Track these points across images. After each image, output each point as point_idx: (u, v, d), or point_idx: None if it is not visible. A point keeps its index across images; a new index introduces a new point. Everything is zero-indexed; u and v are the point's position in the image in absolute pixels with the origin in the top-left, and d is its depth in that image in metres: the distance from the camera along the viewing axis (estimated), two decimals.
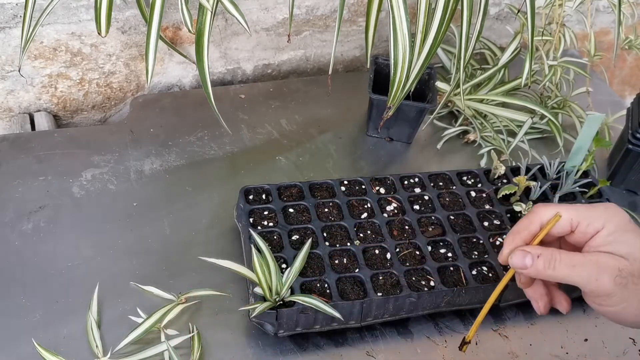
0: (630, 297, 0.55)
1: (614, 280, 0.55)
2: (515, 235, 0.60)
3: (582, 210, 0.59)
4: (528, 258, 0.58)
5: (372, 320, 0.73)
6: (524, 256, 0.58)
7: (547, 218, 0.60)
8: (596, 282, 0.56)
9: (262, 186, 0.82)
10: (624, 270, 0.55)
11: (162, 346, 0.68)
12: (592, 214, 0.58)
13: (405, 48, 0.69)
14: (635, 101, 0.95)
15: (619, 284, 0.55)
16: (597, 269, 0.56)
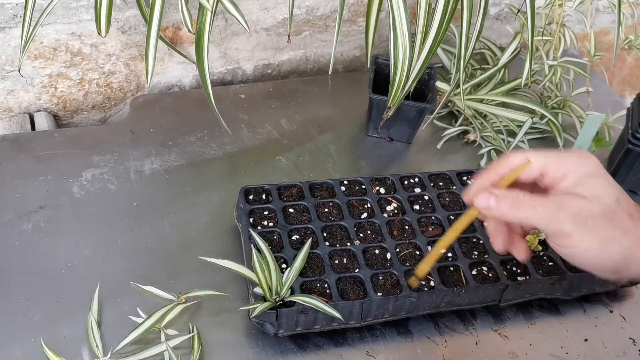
0: (589, 238, 0.55)
1: (573, 220, 0.55)
2: (483, 177, 0.60)
3: (553, 156, 0.59)
4: (492, 199, 0.58)
5: (372, 320, 0.73)
6: (488, 197, 0.58)
7: (517, 163, 0.60)
8: (556, 222, 0.56)
9: (262, 186, 0.82)
10: (584, 210, 0.55)
11: (162, 346, 0.68)
12: (563, 160, 0.59)
13: (405, 48, 0.69)
14: (635, 101, 0.95)
15: (579, 223, 0.55)
16: (557, 209, 0.56)
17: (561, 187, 0.58)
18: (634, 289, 0.81)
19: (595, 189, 0.57)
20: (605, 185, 0.57)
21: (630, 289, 0.81)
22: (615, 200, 0.56)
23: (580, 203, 0.56)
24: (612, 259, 0.56)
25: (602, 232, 0.55)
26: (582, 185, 0.57)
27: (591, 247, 0.56)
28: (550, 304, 0.79)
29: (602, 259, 0.56)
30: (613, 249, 0.56)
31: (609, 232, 0.55)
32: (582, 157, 0.59)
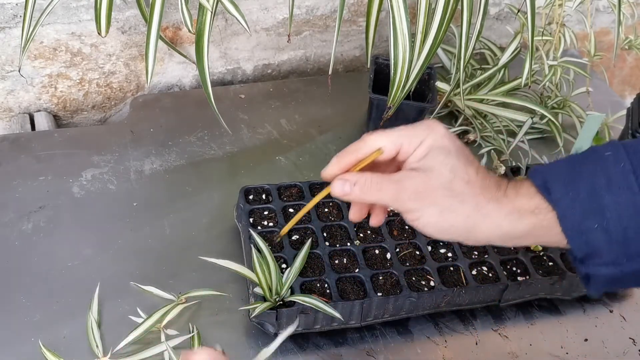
0: (429, 210, 0.58)
1: (412, 197, 0.58)
2: (339, 159, 0.63)
3: (404, 132, 0.61)
4: (347, 186, 0.61)
5: (372, 320, 0.73)
6: (343, 184, 0.61)
7: (372, 147, 0.62)
8: (399, 201, 0.59)
9: (262, 186, 0.82)
10: (421, 184, 0.58)
11: (162, 346, 0.68)
12: (413, 133, 0.61)
13: (405, 48, 0.69)
14: (635, 101, 0.95)
15: (417, 199, 0.58)
16: (398, 189, 0.58)
17: (408, 162, 0.61)
18: (634, 289, 0.81)
19: (433, 161, 0.59)
20: (442, 156, 0.59)
21: (630, 289, 0.81)
22: (451, 169, 0.58)
23: (418, 179, 0.58)
24: (453, 226, 0.58)
25: (440, 203, 0.58)
26: (424, 159, 0.59)
27: (432, 218, 0.58)
28: (550, 304, 0.79)
29: (444, 227, 0.59)
30: (452, 217, 0.58)
31: (446, 202, 0.58)
32: (428, 129, 0.61)
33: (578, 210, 0.54)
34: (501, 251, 0.78)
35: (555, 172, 0.56)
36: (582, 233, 0.55)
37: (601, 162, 0.55)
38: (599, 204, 0.53)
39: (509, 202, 0.58)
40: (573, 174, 0.55)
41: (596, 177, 0.54)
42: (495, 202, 0.58)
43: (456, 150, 0.60)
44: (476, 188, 0.58)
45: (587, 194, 0.54)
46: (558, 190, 0.55)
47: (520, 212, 0.57)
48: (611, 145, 0.56)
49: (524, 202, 0.57)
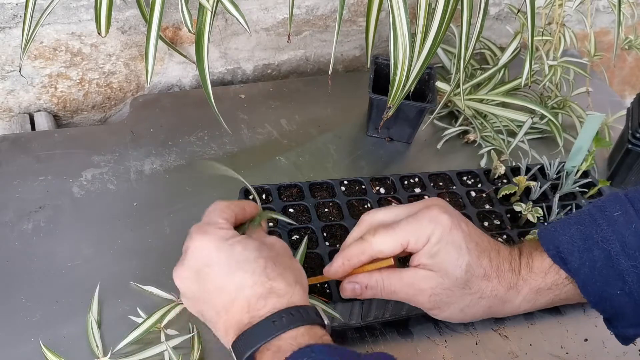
0: (449, 309, 0.60)
1: (429, 300, 0.60)
2: (345, 260, 0.63)
3: (409, 230, 0.60)
4: (357, 288, 0.62)
5: (372, 320, 0.73)
6: (353, 287, 0.63)
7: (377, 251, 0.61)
8: (415, 301, 0.61)
9: (262, 186, 0.82)
10: (437, 287, 0.59)
11: (162, 346, 0.68)
12: (418, 230, 0.60)
13: (405, 48, 0.69)
14: (635, 101, 0.95)
15: (435, 302, 0.60)
16: (413, 290, 0.60)
17: (418, 257, 0.61)
18: None
19: (445, 262, 0.59)
20: (455, 254, 0.59)
21: None
22: (465, 269, 0.59)
23: (433, 281, 0.59)
24: (477, 316, 0.61)
25: (460, 302, 0.60)
26: (435, 257, 0.60)
27: (454, 315, 0.61)
28: None
29: (468, 319, 0.62)
30: (473, 311, 0.60)
31: (465, 300, 0.59)
32: (433, 223, 0.60)
33: (598, 279, 0.55)
34: None
35: (568, 239, 0.56)
36: (605, 299, 0.55)
37: (612, 224, 0.55)
38: (617, 269, 0.54)
39: (525, 284, 0.59)
40: (586, 241, 0.55)
41: (610, 243, 0.54)
42: (513, 289, 0.59)
43: (466, 243, 0.60)
44: (493, 280, 0.59)
45: (603, 262, 0.54)
46: (574, 261, 0.56)
47: (538, 292, 0.59)
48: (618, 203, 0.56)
49: (539, 281, 0.58)
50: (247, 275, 0.54)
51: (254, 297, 0.54)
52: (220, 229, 0.58)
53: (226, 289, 0.55)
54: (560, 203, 0.83)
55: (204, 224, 0.59)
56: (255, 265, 0.55)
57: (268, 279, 0.54)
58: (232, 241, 0.57)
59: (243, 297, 0.54)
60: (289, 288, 0.55)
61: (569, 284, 0.58)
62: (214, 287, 0.55)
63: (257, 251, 0.56)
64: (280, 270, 0.56)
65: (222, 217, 0.61)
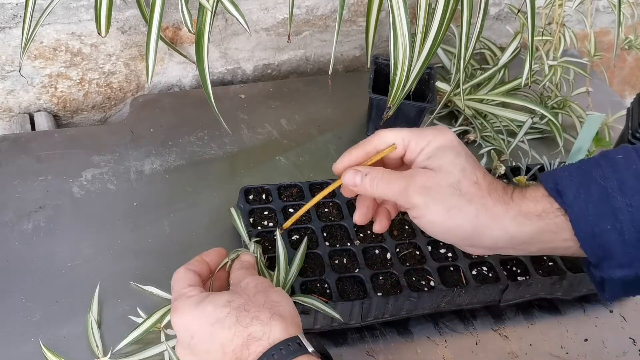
0: (435, 207, 0.57)
1: (419, 192, 0.58)
2: (352, 152, 0.63)
3: (415, 132, 0.62)
4: (358, 176, 0.61)
5: (372, 320, 0.73)
6: (354, 175, 0.61)
7: (385, 142, 0.62)
8: (406, 195, 0.59)
9: (262, 186, 0.82)
10: (429, 181, 0.58)
11: (162, 346, 0.68)
12: (422, 134, 0.61)
13: (405, 48, 0.69)
14: (635, 101, 0.95)
15: (424, 194, 0.58)
16: (405, 183, 0.59)
17: (416, 161, 0.61)
18: None
19: (442, 160, 0.59)
20: (452, 156, 0.59)
21: None
22: (461, 169, 0.58)
23: (427, 175, 0.59)
24: (460, 226, 0.58)
25: (447, 201, 0.57)
26: (432, 157, 0.60)
27: (437, 216, 0.58)
28: (550, 304, 0.79)
29: (450, 227, 0.58)
30: (458, 216, 0.57)
31: (453, 201, 0.57)
32: (437, 131, 0.61)
33: (591, 213, 0.54)
34: None
35: (567, 175, 0.56)
36: (595, 236, 0.54)
37: (613, 165, 0.55)
38: (612, 206, 0.53)
39: (515, 205, 0.58)
40: (585, 177, 0.55)
41: (608, 180, 0.54)
42: (502, 204, 0.58)
43: (465, 153, 0.60)
44: (483, 190, 0.58)
45: (599, 196, 0.54)
46: (570, 193, 0.55)
47: (527, 215, 0.57)
48: (622, 149, 0.56)
49: (530, 206, 0.57)
50: (224, 333, 0.56)
51: (237, 348, 0.56)
52: (188, 298, 0.60)
53: (213, 350, 0.57)
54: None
55: (174, 301, 0.62)
56: (228, 321, 0.57)
57: (244, 327, 0.56)
58: (203, 305, 0.59)
59: (230, 351, 0.56)
60: (266, 327, 0.56)
61: (560, 216, 0.56)
62: (205, 352, 0.58)
63: (226, 306, 0.58)
64: (253, 313, 0.57)
65: (186, 283, 0.63)
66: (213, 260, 0.68)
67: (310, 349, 0.56)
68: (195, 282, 0.64)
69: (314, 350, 0.56)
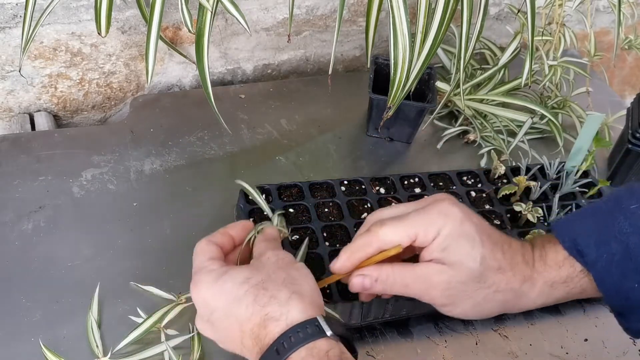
0: (463, 304, 0.58)
1: (443, 294, 0.58)
2: (351, 254, 0.61)
3: (418, 222, 0.59)
4: (367, 281, 0.60)
5: (372, 320, 0.73)
6: (362, 280, 0.60)
7: (385, 241, 0.59)
8: (428, 297, 0.59)
9: (262, 186, 0.82)
10: (451, 281, 0.57)
11: (162, 346, 0.68)
12: (428, 223, 0.58)
13: (405, 48, 0.69)
14: (635, 101, 0.95)
15: (448, 296, 0.58)
16: (426, 284, 0.58)
17: (428, 251, 0.59)
18: None
19: (459, 254, 0.57)
20: (468, 247, 0.57)
21: None
22: (479, 261, 0.57)
23: (446, 275, 0.57)
24: (493, 311, 0.60)
25: (473, 297, 0.58)
26: (447, 250, 0.58)
27: (469, 310, 0.59)
28: None
29: (484, 314, 0.60)
30: (489, 306, 0.59)
31: (481, 294, 0.58)
32: (444, 216, 0.59)
33: (615, 272, 0.54)
34: None
35: (584, 230, 0.55)
36: (621, 293, 0.54)
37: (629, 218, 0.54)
38: (636, 263, 0.53)
39: (539, 277, 0.58)
40: (603, 234, 0.54)
41: (628, 236, 0.53)
42: (528, 282, 0.58)
43: (479, 235, 0.58)
44: (507, 273, 0.58)
45: (621, 256, 0.54)
46: (591, 253, 0.55)
47: (552, 285, 0.58)
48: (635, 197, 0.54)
49: (553, 275, 0.57)
50: (242, 311, 0.55)
51: (255, 328, 0.54)
52: (208, 273, 0.59)
53: (233, 328, 0.56)
54: (560, 203, 0.83)
55: (194, 275, 0.60)
56: (246, 299, 0.55)
57: (261, 307, 0.55)
58: (221, 280, 0.57)
59: (248, 329, 0.55)
60: (283, 308, 0.54)
61: (584, 278, 0.56)
62: (225, 328, 0.57)
63: (245, 283, 0.56)
64: (271, 292, 0.55)
65: (207, 257, 0.61)
66: (238, 234, 0.65)
67: (329, 332, 0.53)
68: (216, 255, 0.62)
69: (333, 333, 0.53)
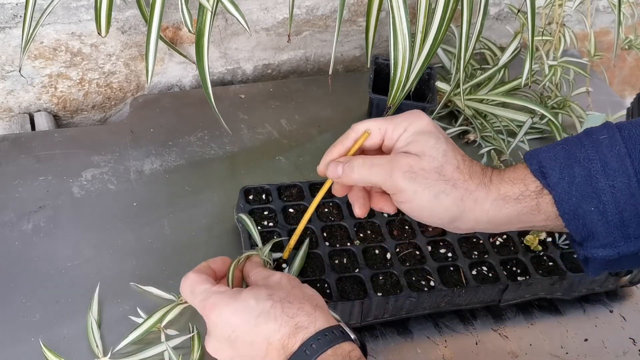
0: (422, 191, 0.58)
1: (405, 176, 0.58)
2: (332, 149, 0.65)
3: (389, 119, 0.63)
4: (339, 167, 0.62)
5: (372, 320, 0.73)
6: (336, 166, 0.63)
7: (358, 131, 0.63)
8: (391, 179, 0.59)
9: (262, 186, 0.82)
10: (414, 165, 0.59)
11: (162, 346, 0.68)
12: (397, 120, 0.62)
13: (405, 48, 0.69)
14: (635, 101, 0.95)
15: (410, 178, 0.58)
16: (390, 166, 0.59)
17: (396, 147, 0.62)
18: (634, 289, 0.82)
19: (424, 145, 0.60)
20: (433, 141, 0.60)
21: (631, 289, 0.81)
22: (443, 153, 0.59)
23: (410, 160, 0.59)
24: (446, 210, 0.59)
25: (433, 186, 0.58)
26: (413, 143, 0.60)
27: (424, 200, 0.59)
28: (550, 304, 0.79)
29: (436, 211, 0.59)
30: (444, 200, 0.58)
31: (439, 185, 0.58)
32: (413, 117, 0.62)
33: (575, 195, 0.55)
34: (501, 251, 0.78)
35: (551, 156, 0.57)
36: (578, 217, 0.55)
37: (596, 146, 0.55)
38: (595, 187, 0.54)
39: (494, 188, 0.59)
40: (569, 159, 0.56)
41: (592, 162, 0.55)
42: (483, 187, 0.59)
43: (444, 137, 0.61)
44: (465, 174, 0.59)
45: (583, 178, 0.55)
46: (554, 175, 0.56)
47: (505, 199, 0.58)
48: (606, 129, 0.56)
49: (508, 189, 0.58)
50: (270, 325, 0.57)
51: (284, 338, 0.56)
52: (221, 293, 0.60)
53: (257, 342, 0.57)
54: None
55: (204, 300, 0.61)
56: (273, 312, 0.57)
57: (290, 318, 0.57)
58: (242, 298, 0.59)
59: (276, 341, 0.57)
60: (311, 317, 0.57)
61: (536, 198, 0.57)
62: (246, 345, 0.58)
63: (269, 299, 0.58)
64: (297, 305, 0.58)
65: (208, 282, 0.63)
66: (219, 268, 0.67)
67: (353, 336, 0.57)
68: (213, 280, 0.64)
69: (356, 338, 0.58)
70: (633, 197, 0.53)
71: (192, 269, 0.65)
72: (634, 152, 0.53)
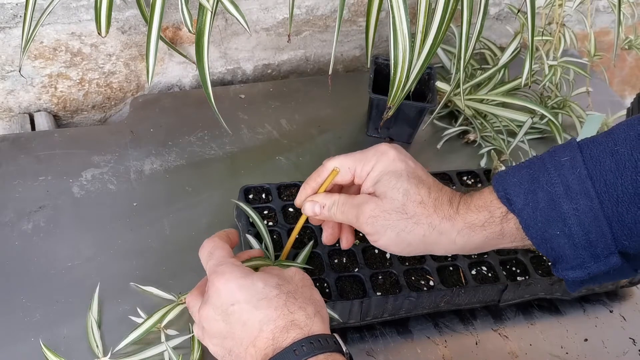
0: (386, 233, 0.61)
1: (369, 222, 0.62)
2: (306, 185, 0.68)
3: (357, 157, 0.66)
4: (316, 207, 0.66)
5: (371, 320, 0.73)
6: (312, 206, 0.66)
7: (329, 169, 0.67)
8: (358, 222, 0.63)
9: (262, 185, 0.82)
10: (375, 209, 0.61)
11: (162, 346, 0.68)
12: (365, 159, 0.65)
13: (405, 48, 0.69)
14: (635, 101, 0.95)
15: (371, 222, 0.61)
16: (357, 211, 0.63)
17: (364, 188, 0.65)
18: (634, 289, 0.82)
19: (385, 186, 0.62)
20: (394, 181, 0.62)
21: (630, 289, 0.81)
22: (404, 193, 0.61)
23: (373, 204, 0.62)
24: (410, 245, 0.61)
25: (395, 226, 0.61)
26: (378, 183, 0.63)
27: (389, 239, 0.61)
28: (550, 304, 0.79)
29: (402, 246, 0.62)
30: (409, 237, 0.61)
31: (401, 225, 0.60)
32: (379, 154, 0.64)
33: (540, 220, 0.56)
34: (500, 251, 0.78)
35: (516, 181, 0.58)
36: (546, 240, 0.56)
37: (558, 169, 0.56)
38: (559, 212, 0.55)
39: (460, 218, 0.60)
40: (532, 183, 0.57)
41: (554, 186, 0.55)
42: (448, 220, 0.60)
43: (407, 173, 0.63)
44: (429, 208, 0.61)
45: (546, 203, 0.55)
46: (519, 202, 0.57)
47: (472, 227, 0.59)
48: (569, 149, 0.56)
49: (473, 217, 0.59)
50: (270, 311, 0.57)
51: (277, 330, 0.57)
52: (234, 267, 0.61)
53: (251, 325, 0.58)
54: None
55: (215, 266, 0.62)
56: (276, 301, 0.58)
57: (289, 312, 0.58)
58: (253, 279, 0.60)
59: (268, 330, 0.57)
60: (309, 320, 0.58)
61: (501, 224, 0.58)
62: (239, 323, 0.58)
63: (277, 288, 0.59)
64: (300, 303, 0.59)
65: (227, 253, 0.64)
66: (234, 239, 0.69)
67: (345, 349, 0.58)
68: (232, 254, 0.65)
69: (348, 352, 0.58)
70: (597, 220, 0.53)
71: (215, 234, 0.68)
72: (594, 173, 0.53)
